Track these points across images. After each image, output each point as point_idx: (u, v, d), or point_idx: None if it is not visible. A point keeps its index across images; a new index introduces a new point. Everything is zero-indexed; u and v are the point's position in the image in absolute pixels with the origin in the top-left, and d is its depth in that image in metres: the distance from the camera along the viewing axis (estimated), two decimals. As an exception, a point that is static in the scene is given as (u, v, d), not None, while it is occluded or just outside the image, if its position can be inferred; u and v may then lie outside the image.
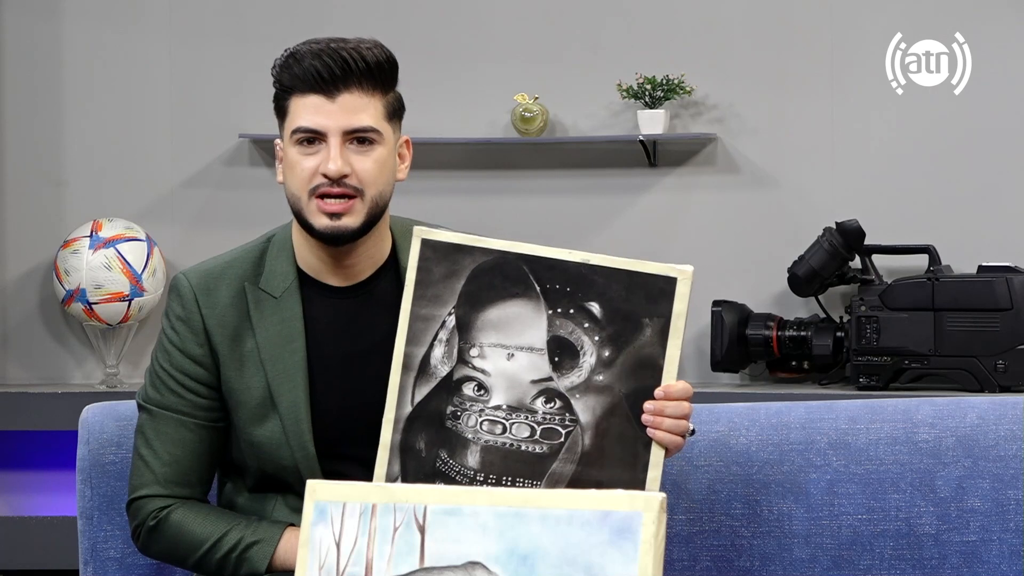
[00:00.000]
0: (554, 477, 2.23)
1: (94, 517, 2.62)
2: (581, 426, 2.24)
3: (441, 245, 2.29)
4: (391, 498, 1.91)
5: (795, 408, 2.65)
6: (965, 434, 2.60)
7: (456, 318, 2.27)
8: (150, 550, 2.42)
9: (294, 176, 2.37)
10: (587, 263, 2.26)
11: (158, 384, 2.41)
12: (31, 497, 5.31)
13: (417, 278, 2.28)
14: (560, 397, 2.24)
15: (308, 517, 1.93)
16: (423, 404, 2.27)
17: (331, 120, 2.35)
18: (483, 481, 2.24)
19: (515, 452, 2.24)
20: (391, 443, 2.27)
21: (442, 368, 2.27)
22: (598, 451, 2.23)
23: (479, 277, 2.28)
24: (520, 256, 2.28)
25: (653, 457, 2.22)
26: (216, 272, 2.42)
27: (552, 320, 2.25)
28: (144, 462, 2.40)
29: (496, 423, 2.25)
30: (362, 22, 5.24)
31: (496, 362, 2.26)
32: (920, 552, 2.59)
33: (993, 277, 4.73)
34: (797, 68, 5.21)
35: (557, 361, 2.24)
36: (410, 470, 2.26)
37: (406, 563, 1.89)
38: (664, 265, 2.24)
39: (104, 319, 5.17)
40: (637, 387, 2.23)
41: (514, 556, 1.85)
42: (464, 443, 2.25)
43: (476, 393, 2.26)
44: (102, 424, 2.63)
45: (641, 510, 1.83)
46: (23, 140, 5.42)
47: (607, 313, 2.24)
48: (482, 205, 5.18)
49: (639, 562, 1.81)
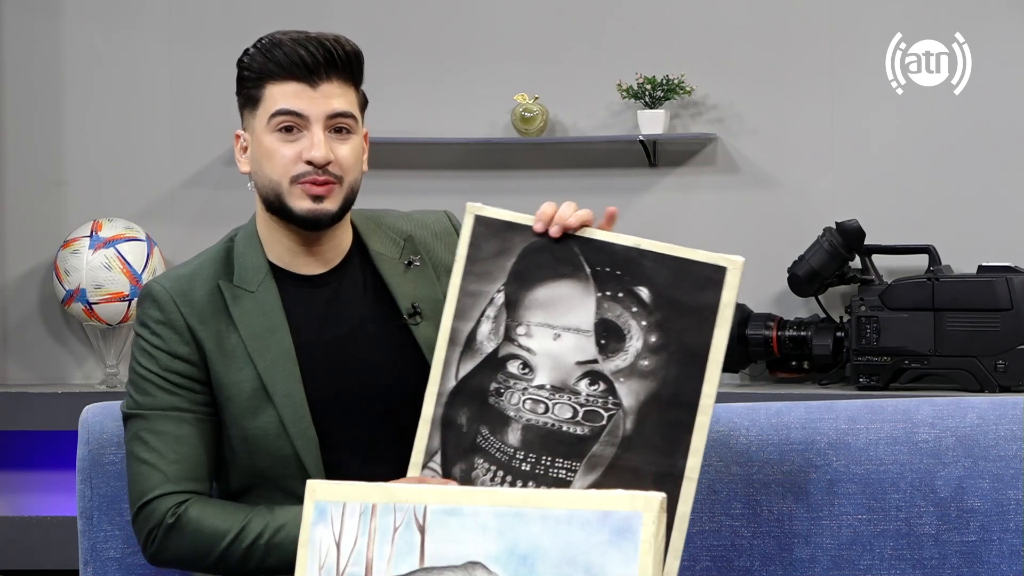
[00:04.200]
0: (593, 459, 2.22)
1: (94, 517, 2.62)
2: (624, 410, 2.23)
3: (493, 222, 2.31)
4: (391, 498, 1.91)
5: (795, 408, 2.65)
6: (965, 434, 2.60)
7: (505, 295, 2.27)
8: (166, 553, 2.35)
9: (272, 163, 2.37)
10: (638, 248, 2.25)
11: (147, 388, 2.38)
12: (31, 497, 5.32)
13: (468, 254, 2.29)
14: (604, 380, 2.23)
15: (308, 517, 1.93)
16: (467, 379, 2.28)
17: (315, 106, 2.36)
18: (522, 459, 2.23)
19: (556, 432, 2.23)
20: (432, 417, 2.27)
21: (488, 344, 2.27)
22: (639, 436, 2.21)
23: (530, 256, 2.28)
24: (572, 237, 2.28)
25: (694, 445, 2.20)
26: (187, 276, 2.41)
27: (600, 303, 2.24)
28: (149, 465, 2.36)
29: (539, 402, 2.25)
30: (362, 22, 5.24)
31: (542, 341, 2.25)
32: (920, 552, 2.59)
33: (993, 277, 4.73)
34: (797, 68, 5.21)
35: (603, 344, 2.24)
36: (450, 444, 2.26)
37: (406, 563, 1.89)
38: (715, 254, 2.23)
39: (104, 319, 5.17)
40: (681, 374, 2.22)
41: (514, 556, 1.86)
42: (505, 420, 2.25)
43: (520, 371, 2.26)
44: (102, 424, 2.63)
45: (641, 510, 1.83)
46: (23, 140, 5.42)
47: (656, 299, 2.23)
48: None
49: (639, 562, 1.81)
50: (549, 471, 2.22)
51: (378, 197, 2.58)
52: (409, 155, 5.27)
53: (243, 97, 2.41)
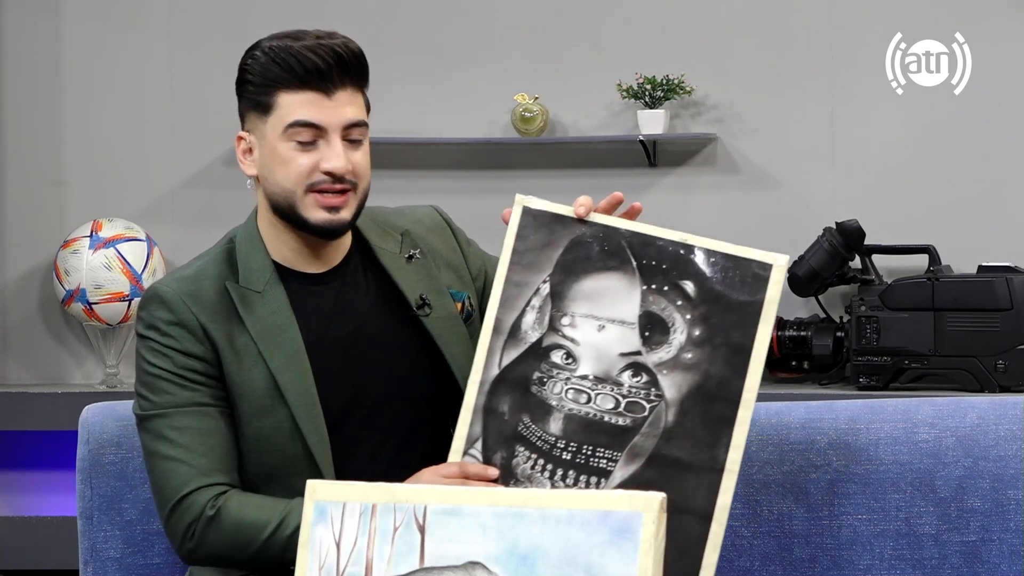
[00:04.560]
0: (634, 450, 2.24)
1: (94, 517, 2.61)
2: (666, 402, 2.24)
3: (541, 214, 2.34)
4: (391, 498, 1.91)
5: (795, 408, 2.65)
6: (965, 434, 2.60)
7: (550, 286, 2.29)
8: (206, 547, 2.32)
9: (287, 171, 2.36)
10: (685, 242, 2.28)
11: (164, 387, 2.37)
12: (31, 497, 5.32)
13: (515, 245, 2.32)
14: (647, 372, 2.25)
15: (308, 517, 1.93)
16: (510, 368, 2.29)
17: (332, 116, 2.35)
18: (563, 448, 2.25)
19: (597, 422, 2.25)
20: (475, 404, 2.29)
21: (532, 334, 2.29)
22: (681, 428, 2.23)
23: (576, 248, 2.30)
24: (619, 230, 2.30)
25: (735, 439, 2.22)
26: (192, 278, 2.41)
27: (646, 295, 2.26)
28: (178, 462, 2.34)
29: (581, 392, 2.26)
30: (362, 22, 5.24)
31: (586, 332, 2.27)
32: (920, 552, 2.59)
33: (993, 277, 4.73)
34: (797, 68, 5.21)
35: (647, 336, 2.26)
36: (491, 432, 2.28)
37: (406, 563, 1.89)
38: (762, 252, 2.27)
39: (104, 319, 5.17)
40: (724, 369, 2.24)
41: (514, 556, 1.86)
42: (547, 410, 2.27)
43: (564, 361, 2.28)
44: (102, 424, 2.63)
45: (641, 510, 1.83)
46: (23, 140, 5.42)
47: (701, 293, 2.26)
48: (482, 205, 5.18)
49: (639, 562, 1.81)
50: (590, 460, 2.24)
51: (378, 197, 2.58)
52: (409, 155, 5.27)
53: (249, 101, 2.39)
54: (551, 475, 2.25)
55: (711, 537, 2.19)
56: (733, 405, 2.23)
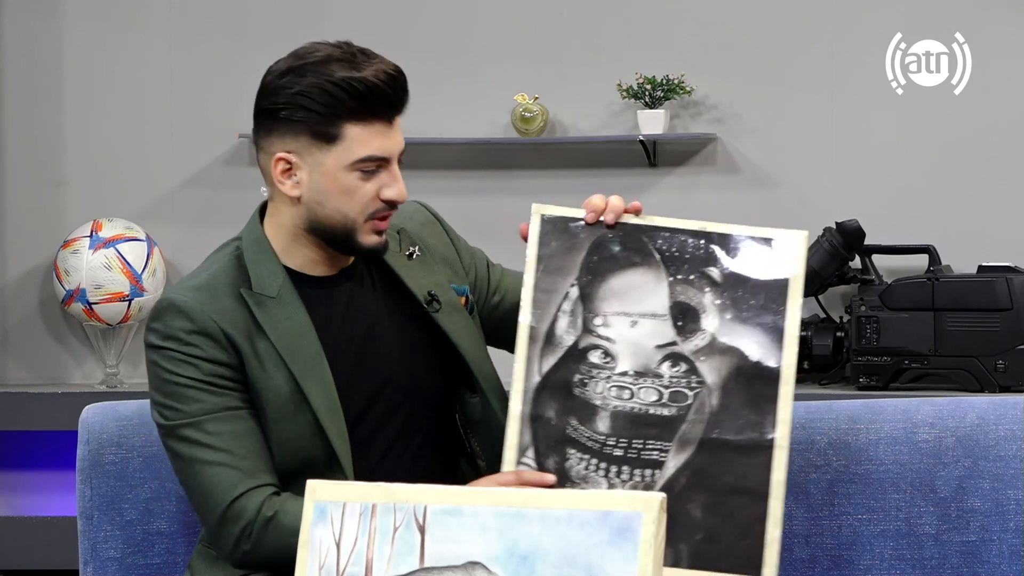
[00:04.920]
0: (684, 438, 2.28)
1: (94, 517, 2.61)
2: (708, 387, 2.29)
3: (559, 220, 2.38)
4: (391, 498, 1.91)
5: (795, 408, 2.65)
6: (965, 434, 2.60)
7: (579, 289, 2.33)
8: (263, 549, 2.31)
9: (352, 202, 2.35)
10: (704, 230, 2.34)
11: (192, 395, 2.34)
12: (31, 497, 5.32)
13: (538, 253, 2.35)
14: (685, 360, 2.30)
15: (308, 517, 1.93)
16: (550, 374, 2.32)
17: (394, 145, 2.38)
18: (614, 445, 2.29)
19: (644, 416, 2.29)
20: (520, 414, 2.32)
21: (567, 338, 2.33)
22: (726, 411, 2.28)
23: (599, 248, 2.35)
24: (639, 227, 2.35)
25: (780, 414, 2.27)
26: (206, 286, 2.39)
27: (673, 286, 2.31)
28: (221, 466, 2.32)
29: (624, 388, 2.30)
30: (362, 22, 5.24)
31: (620, 329, 2.31)
32: (920, 552, 2.59)
33: (993, 277, 4.73)
34: (797, 68, 5.21)
35: (680, 326, 2.30)
36: (541, 438, 2.31)
37: (406, 563, 1.89)
38: (780, 230, 2.32)
39: (104, 319, 5.17)
40: (760, 348, 2.29)
41: (514, 556, 1.86)
42: (593, 410, 2.30)
43: (602, 360, 2.31)
44: (102, 424, 2.62)
45: (641, 510, 1.83)
46: (23, 140, 5.42)
47: (726, 277, 2.31)
48: (482, 205, 5.18)
49: (639, 562, 1.81)
50: (642, 453, 2.28)
51: (378, 197, 2.61)
52: (409, 155, 5.25)
53: (305, 127, 2.34)
54: (605, 473, 2.29)
55: (771, 513, 2.25)
56: (773, 382, 2.28)
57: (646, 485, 2.28)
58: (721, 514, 2.26)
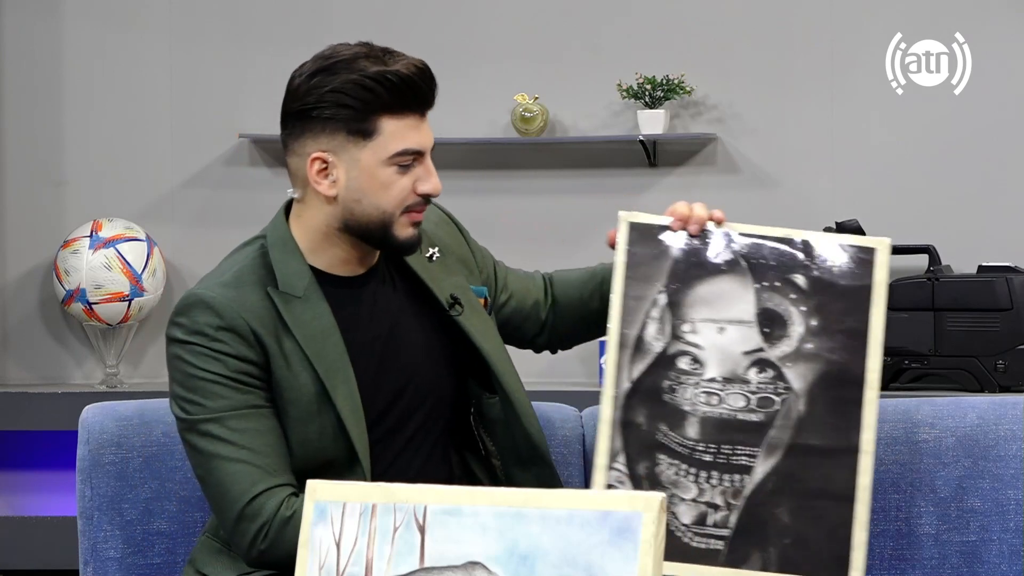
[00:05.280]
0: (771, 443, 2.32)
1: (94, 517, 2.61)
2: (795, 393, 2.33)
3: (647, 227, 2.40)
4: (391, 498, 1.91)
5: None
6: (965, 434, 2.60)
7: (667, 296, 2.37)
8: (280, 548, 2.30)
9: (389, 196, 2.36)
10: (789, 237, 2.37)
11: (217, 391, 2.34)
12: (31, 497, 5.32)
13: (626, 260, 2.38)
14: (772, 366, 2.33)
15: (308, 517, 1.93)
16: (641, 380, 2.36)
17: (427, 139, 2.38)
18: (703, 451, 2.32)
19: (732, 421, 2.33)
20: (612, 419, 2.35)
21: (656, 344, 2.36)
22: (812, 416, 2.31)
23: (686, 256, 2.38)
24: (726, 234, 2.39)
25: (866, 419, 2.31)
26: (232, 283, 2.38)
27: (759, 293, 2.35)
28: (241, 463, 2.31)
29: (712, 394, 2.34)
30: (362, 22, 5.24)
31: (708, 336, 2.35)
32: (920, 552, 2.59)
33: (993, 277, 4.73)
34: (797, 68, 5.21)
35: (767, 332, 2.34)
36: (631, 443, 2.34)
37: (406, 563, 1.89)
38: (863, 237, 2.37)
39: (104, 319, 5.17)
40: (845, 353, 2.33)
41: (514, 556, 1.85)
42: (682, 415, 2.34)
43: (691, 367, 2.35)
44: (102, 424, 2.62)
45: (641, 510, 1.82)
46: (23, 140, 5.42)
47: (812, 284, 2.35)
48: (482, 205, 5.18)
49: (639, 562, 1.81)
50: (731, 459, 2.32)
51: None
52: (409, 155, 5.26)
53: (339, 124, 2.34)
54: (695, 478, 2.33)
55: (857, 517, 2.28)
56: (858, 387, 2.32)
57: (735, 491, 2.31)
58: (809, 518, 2.30)
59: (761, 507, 2.29)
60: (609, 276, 2.48)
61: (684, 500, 2.32)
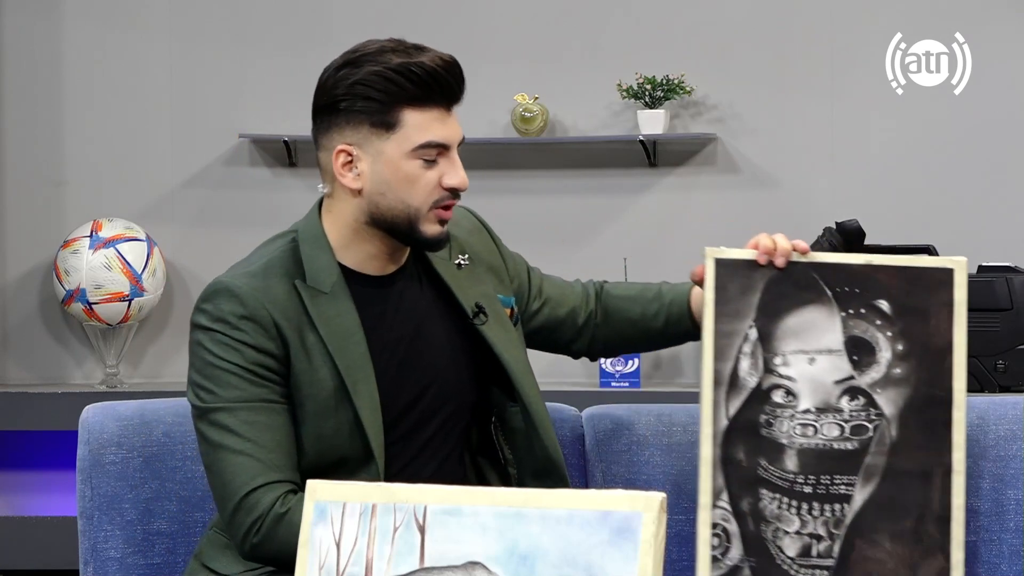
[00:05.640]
0: (868, 470, 2.34)
1: (94, 517, 2.61)
2: (886, 418, 2.34)
3: (733, 262, 2.41)
4: (391, 498, 1.91)
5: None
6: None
7: (757, 330, 2.38)
8: (272, 544, 2.31)
9: (415, 190, 2.37)
10: (871, 263, 2.38)
11: (231, 381, 2.34)
12: (31, 497, 5.32)
13: (716, 297, 2.39)
14: (863, 394, 2.35)
15: (308, 517, 1.93)
16: (737, 416, 2.37)
17: (454, 133, 2.42)
18: (803, 483, 2.35)
19: (829, 451, 2.34)
20: (712, 457, 2.37)
21: (750, 379, 2.37)
22: (905, 440, 2.34)
23: (773, 288, 2.39)
24: (808, 264, 2.40)
25: (955, 439, 2.33)
26: (260, 273, 2.39)
27: (846, 321, 2.37)
28: (245, 455, 2.32)
29: (807, 426, 2.36)
30: (362, 22, 5.24)
31: (800, 367, 2.37)
32: (920, 552, 2.59)
33: (993, 277, 4.73)
34: (797, 68, 5.21)
35: (856, 360, 2.36)
36: (733, 480, 2.36)
37: (406, 563, 1.89)
38: (941, 258, 2.38)
39: (104, 319, 5.17)
40: (932, 375, 2.35)
41: (514, 556, 1.85)
42: (780, 448, 2.36)
43: (785, 399, 2.36)
44: (102, 424, 2.62)
45: (641, 510, 1.82)
46: (23, 140, 5.42)
47: (896, 309, 2.36)
48: (482, 205, 5.16)
49: (639, 562, 1.81)
50: (830, 488, 2.34)
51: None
52: (409, 155, 5.26)
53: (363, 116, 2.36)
54: (797, 510, 2.35)
55: (954, 537, 2.31)
56: (947, 408, 2.35)
57: (836, 520, 2.34)
58: (909, 541, 2.32)
59: (862, 534, 2.33)
60: (677, 298, 2.57)
61: (788, 533, 2.34)
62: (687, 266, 2.53)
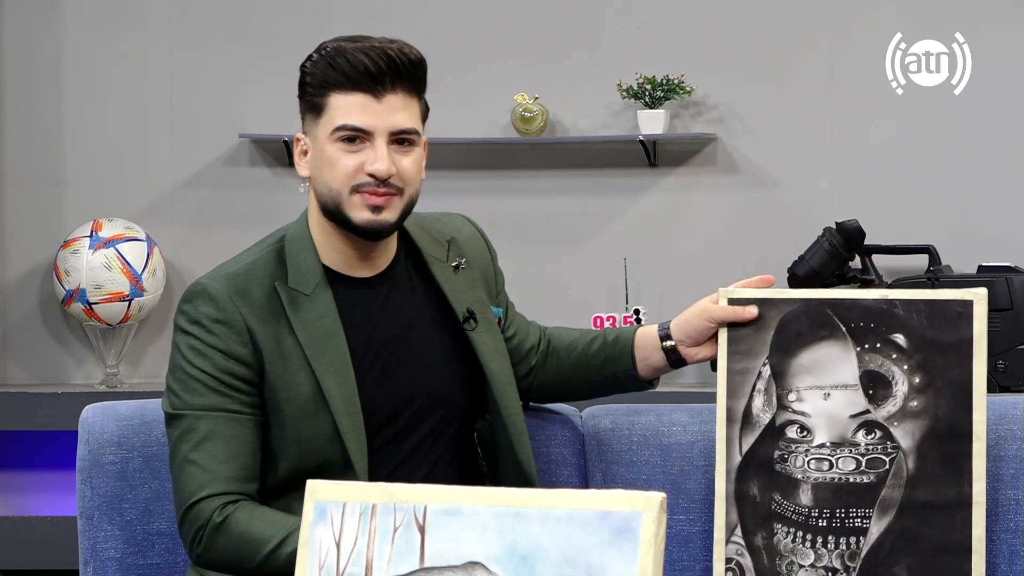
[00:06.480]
0: (885, 503, 2.35)
1: (94, 517, 2.61)
2: (903, 452, 2.36)
3: (746, 302, 2.43)
4: (391, 498, 1.91)
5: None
6: (965, 434, 2.60)
7: (771, 367, 2.40)
8: (213, 554, 2.33)
9: (334, 172, 2.36)
10: (886, 298, 2.39)
11: (197, 388, 2.35)
12: (31, 497, 5.32)
13: (729, 335, 2.42)
14: (879, 427, 2.36)
15: (308, 517, 1.93)
16: (751, 452, 2.40)
17: (379, 120, 2.35)
18: (818, 516, 2.36)
19: (845, 485, 2.36)
20: (726, 493, 2.40)
21: (764, 416, 2.40)
22: (923, 472, 2.35)
23: (787, 326, 2.41)
24: (822, 301, 2.41)
25: (975, 471, 2.34)
26: (241, 275, 2.39)
27: (861, 356, 2.37)
28: (197, 466, 2.33)
29: (822, 460, 2.38)
30: (362, 22, 5.24)
31: (814, 403, 2.38)
32: (920, 552, 2.59)
33: (993, 277, 4.73)
34: (797, 68, 5.21)
35: (872, 394, 2.37)
36: (748, 516, 2.38)
37: (406, 563, 1.89)
38: (959, 290, 2.38)
39: (104, 319, 5.17)
40: (950, 407, 2.35)
41: (514, 556, 1.85)
42: (795, 484, 2.38)
43: (799, 435, 2.38)
44: (102, 424, 2.62)
45: (641, 510, 1.82)
46: (23, 140, 5.43)
47: (912, 342, 2.37)
48: (482, 205, 5.18)
49: (639, 562, 1.81)
50: (845, 522, 2.35)
51: (378, 197, 2.60)
52: (409, 155, 5.26)
53: (306, 103, 2.39)
54: (812, 544, 2.36)
55: (975, 568, 2.32)
56: (966, 440, 2.35)
57: (851, 553, 2.34)
58: (928, 573, 2.33)
59: (879, 567, 2.33)
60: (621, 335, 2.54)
61: (804, 567, 2.36)
62: (687, 266, 2.54)
